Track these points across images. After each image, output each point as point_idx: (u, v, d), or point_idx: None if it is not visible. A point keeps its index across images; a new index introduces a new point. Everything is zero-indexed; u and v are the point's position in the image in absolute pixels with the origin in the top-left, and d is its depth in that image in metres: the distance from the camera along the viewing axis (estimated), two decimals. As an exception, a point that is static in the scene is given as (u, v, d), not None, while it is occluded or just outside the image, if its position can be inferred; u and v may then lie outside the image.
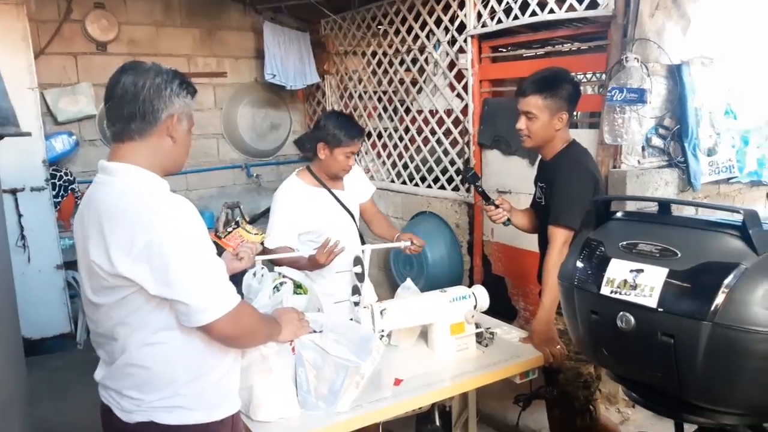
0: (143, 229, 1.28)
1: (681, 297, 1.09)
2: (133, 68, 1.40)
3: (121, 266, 1.29)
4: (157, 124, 1.39)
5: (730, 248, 1.08)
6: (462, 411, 2.38)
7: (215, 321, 1.33)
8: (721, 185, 3.39)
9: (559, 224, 2.10)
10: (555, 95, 2.12)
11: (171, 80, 1.41)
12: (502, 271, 3.79)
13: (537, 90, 2.14)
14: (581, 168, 2.16)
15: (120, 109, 1.37)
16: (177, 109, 1.41)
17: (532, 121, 2.16)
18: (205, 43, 5.09)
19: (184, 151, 1.49)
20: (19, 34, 3.85)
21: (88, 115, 4.57)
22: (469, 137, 3.81)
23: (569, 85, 2.16)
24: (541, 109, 2.13)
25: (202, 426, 1.42)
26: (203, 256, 1.35)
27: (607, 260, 1.22)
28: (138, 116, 1.37)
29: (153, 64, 1.43)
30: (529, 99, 2.14)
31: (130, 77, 1.38)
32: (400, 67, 4.35)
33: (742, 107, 3.37)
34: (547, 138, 2.19)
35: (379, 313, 1.96)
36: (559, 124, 2.15)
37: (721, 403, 1.12)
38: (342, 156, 2.42)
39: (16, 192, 3.90)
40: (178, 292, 1.30)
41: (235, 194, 5.32)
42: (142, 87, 1.37)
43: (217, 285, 1.36)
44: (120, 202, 1.33)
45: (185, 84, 1.45)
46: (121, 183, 1.36)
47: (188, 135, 1.48)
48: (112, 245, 1.29)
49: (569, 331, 1.37)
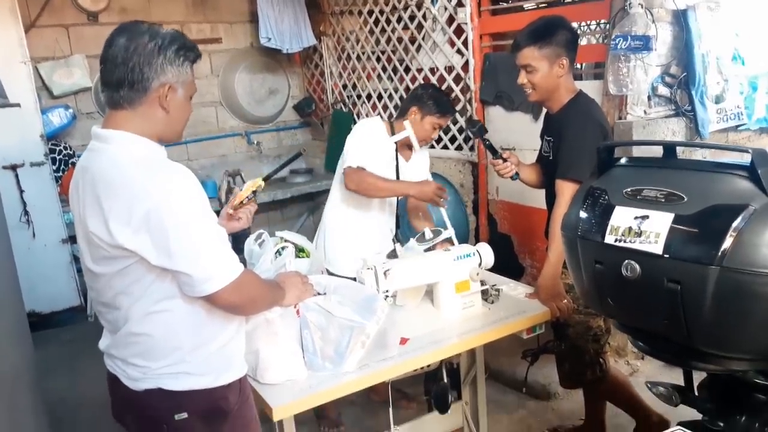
0: (140, 199, 1.25)
1: (687, 242, 1.06)
2: (128, 30, 1.33)
3: (121, 237, 1.26)
4: (147, 93, 1.33)
5: (738, 190, 1.05)
6: (470, 368, 2.39)
7: (219, 290, 1.32)
8: (729, 133, 3.32)
9: (567, 178, 2.05)
10: (550, 42, 2.05)
11: (167, 46, 1.32)
12: (508, 229, 3.76)
13: (531, 41, 2.07)
14: (590, 120, 2.10)
15: (111, 73, 1.32)
16: (171, 78, 1.34)
17: (533, 74, 2.09)
18: (197, 9, 4.98)
19: (181, 120, 1.43)
20: (6, 6, 3.78)
21: (84, 88, 4.51)
22: (471, 94, 3.73)
23: (564, 30, 2.08)
24: (539, 60, 2.07)
25: (209, 391, 1.42)
26: (204, 225, 1.31)
27: (611, 208, 1.18)
28: (126, 83, 1.31)
29: (151, 26, 1.35)
30: (525, 52, 2.08)
31: (122, 39, 1.31)
32: (397, 25, 4.24)
33: (750, 52, 3.28)
34: (551, 88, 2.12)
35: (383, 273, 1.94)
36: (560, 70, 2.08)
37: (729, 349, 1.10)
38: (429, 125, 2.49)
39: (16, 168, 3.89)
40: (179, 263, 1.28)
41: (236, 162, 5.28)
42: (133, 52, 1.30)
43: (219, 254, 1.33)
44: (115, 171, 1.29)
45: (184, 50, 1.36)
46: (115, 151, 1.32)
47: (186, 104, 1.41)
48: (111, 216, 1.27)
49: (574, 282, 1.35)
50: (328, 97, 5.20)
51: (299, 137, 5.72)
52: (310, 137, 5.73)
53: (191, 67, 1.40)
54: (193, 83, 1.42)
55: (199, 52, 1.43)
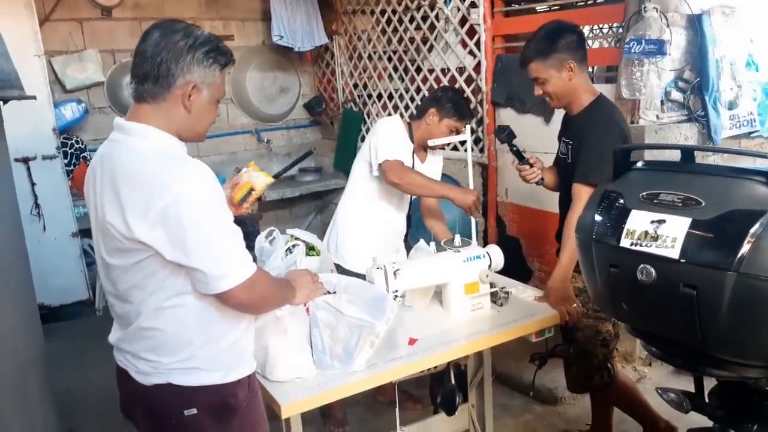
0: (159, 193, 1.25)
1: (704, 247, 1.05)
2: (164, 26, 1.34)
3: (138, 231, 1.26)
4: (171, 90, 1.33)
5: (756, 195, 1.04)
6: (477, 370, 2.38)
7: (232, 289, 1.32)
8: (742, 139, 3.30)
9: (586, 181, 2.03)
10: (552, 51, 2.06)
11: (198, 46, 1.33)
12: (517, 231, 3.75)
13: (533, 56, 2.09)
14: (611, 124, 2.09)
15: (139, 66, 1.33)
16: (196, 77, 1.34)
17: (545, 84, 2.11)
18: (210, 6, 5.00)
19: (203, 122, 1.42)
20: (22, 0, 3.79)
21: (97, 82, 4.54)
22: (482, 96, 3.73)
23: (565, 35, 2.08)
24: (545, 71, 2.08)
25: (219, 386, 1.42)
26: (220, 223, 1.32)
27: (626, 212, 1.18)
28: (152, 77, 1.32)
29: (188, 26, 1.36)
30: (531, 66, 2.11)
31: (156, 34, 1.32)
32: (410, 25, 4.24)
33: (764, 59, 3.26)
34: (568, 93, 2.12)
35: (392, 273, 1.94)
36: (569, 74, 2.08)
37: (744, 356, 1.09)
38: (446, 128, 2.50)
39: (28, 161, 3.91)
40: (194, 260, 1.28)
41: (246, 159, 5.27)
42: (163, 47, 1.31)
43: (233, 253, 1.34)
44: (135, 164, 1.30)
45: (215, 53, 1.36)
46: (136, 143, 1.32)
47: (209, 106, 1.40)
48: (129, 209, 1.27)
49: (587, 285, 1.34)
50: (339, 96, 5.20)
51: (309, 136, 5.73)
52: (320, 136, 5.74)
53: (220, 70, 1.39)
54: (220, 87, 1.41)
55: (232, 58, 1.42)
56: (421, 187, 2.43)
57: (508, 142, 2.36)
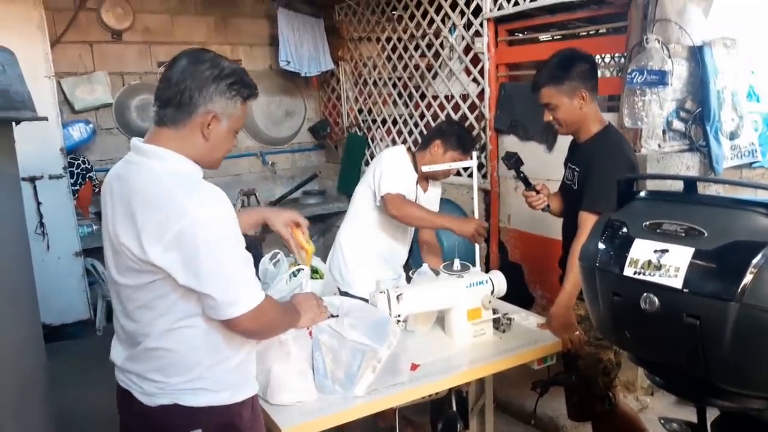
0: (176, 217, 1.26)
1: (707, 277, 1.05)
2: (192, 55, 1.37)
3: (152, 253, 1.27)
4: (191, 117, 1.35)
5: (759, 227, 1.04)
6: (479, 397, 2.37)
7: (240, 316, 1.33)
8: (743, 170, 3.32)
9: (594, 210, 2.03)
10: (565, 78, 2.08)
11: (223, 77, 1.35)
12: (519, 258, 3.76)
13: (546, 81, 2.11)
14: (620, 153, 2.10)
15: (163, 91, 1.35)
16: (218, 108, 1.36)
17: (555, 111, 2.13)
18: (219, 31, 5.09)
19: (220, 151, 1.43)
20: (34, 22, 3.87)
21: (105, 104, 4.60)
22: (486, 122, 3.77)
23: (579, 63, 2.11)
24: (558, 97, 2.10)
25: (225, 407, 1.42)
26: (234, 250, 1.33)
27: (630, 240, 1.18)
28: (174, 103, 1.34)
29: (215, 56, 1.38)
30: (543, 92, 2.13)
31: (183, 62, 1.35)
32: (415, 53, 4.31)
33: (765, 90, 3.30)
34: (577, 120, 2.14)
35: (395, 297, 1.94)
36: (581, 102, 2.10)
37: (748, 387, 1.09)
38: (450, 160, 2.53)
39: (35, 180, 3.94)
40: (206, 285, 1.29)
41: (250, 182, 5.33)
42: (189, 75, 1.33)
43: (245, 281, 1.35)
44: (152, 187, 1.31)
45: (238, 85, 1.38)
46: (155, 166, 1.34)
47: (228, 136, 1.42)
48: (144, 232, 1.28)
49: (590, 313, 1.34)
50: (344, 120, 5.26)
51: (313, 159, 5.77)
52: (324, 159, 5.78)
53: (242, 103, 1.41)
54: (240, 118, 1.43)
55: (256, 91, 1.44)
56: (420, 220, 2.45)
57: (516, 168, 2.38)
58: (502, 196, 3.81)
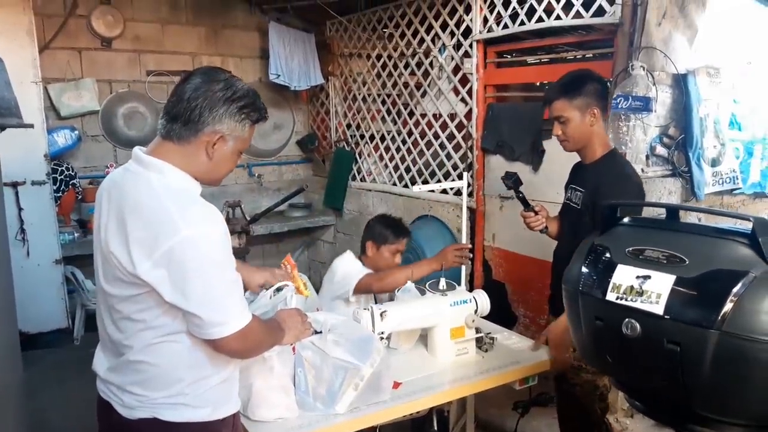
0: (167, 234, 1.25)
1: (688, 304, 1.07)
2: (207, 73, 1.37)
3: (140, 268, 1.26)
4: (198, 135, 1.34)
5: (738, 256, 1.07)
6: (460, 416, 2.37)
7: (226, 337, 1.32)
8: (724, 196, 3.38)
9: None
10: (580, 94, 2.08)
11: (234, 99, 1.35)
12: (503, 277, 3.78)
13: (561, 94, 2.11)
14: (631, 178, 2.11)
15: (173, 105, 1.35)
16: (225, 129, 1.35)
17: (566, 125, 2.12)
18: (210, 42, 5.09)
19: (222, 170, 1.43)
20: (24, 28, 3.84)
21: (91, 111, 4.56)
22: (473, 142, 3.80)
23: (593, 82, 2.12)
24: (570, 110, 2.10)
25: (204, 424, 1.40)
26: (223, 271, 1.32)
27: (613, 266, 1.20)
28: (182, 119, 1.33)
29: (231, 77, 1.38)
30: (556, 104, 2.12)
31: (198, 79, 1.35)
32: (404, 71, 4.35)
33: (747, 118, 3.37)
34: (585, 137, 2.14)
35: (379, 315, 1.94)
36: (592, 119, 2.10)
37: (727, 413, 1.10)
38: (388, 253, 2.57)
39: (17, 185, 3.89)
40: (193, 305, 1.28)
41: (236, 193, 5.30)
42: (201, 94, 1.33)
43: (232, 302, 1.34)
44: (147, 199, 1.30)
45: (249, 109, 1.38)
46: (152, 178, 1.32)
47: (232, 157, 1.42)
48: (134, 245, 1.27)
49: (573, 337, 1.35)
50: (332, 135, 5.27)
51: (300, 172, 5.77)
52: (311, 173, 5.78)
53: (251, 126, 1.41)
54: (247, 140, 1.43)
55: (266, 115, 1.45)
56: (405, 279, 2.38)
57: (515, 188, 2.37)
58: (488, 215, 3.84)
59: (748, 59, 3.36)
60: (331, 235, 5.39)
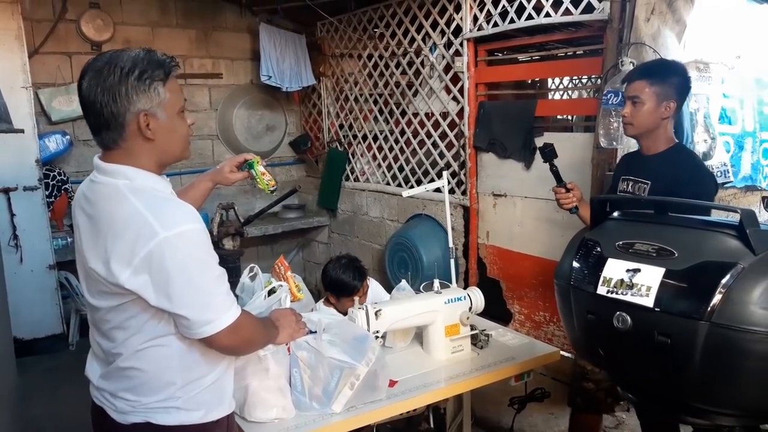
0: (144, 238, 1.23)
1: (678, 297, 1.08)
2: (90, 69, 1.26)
3: (122, 277, 1.24)
4: (126, 129, 1.27)
5: (727, 248, 1.08)
6: (456, 413, 2.37)
7: (216, 334, 1.31)
8: (715, 190, 3.40)
9: None
10: (663, 82, 2.01)
11: (127, 74, 1.24)
12: (497, 274, 3.79)
13: (644, 75, 2.05)
14: (708, 171, 2.06)
15: (89, 119, 1.29)
16: (142, 105, 1.26)
17: (637, 107, 2.04)
18: (200, 44, 5.08)
19: (175, 141, 1.35)
20: (13, 32, 3.83)
21: (82, 115, 4.53)
22: (465, 140, 3.81)
23: (679, 76, 2.05)
24: (649, 95, 2.02)
25: (198, 426, 1.40)
26: (206, 268, 1.30)
27: (603, 260, 1.21)
28: (103, 126, 1.27)
29: (112, 56, 1.26)
30: (636, 84, 2.04)
31: (85, 81, 1.25)
32: (396, 70, 4.35)
33: (737, 112, 3.39)
34: (651, 126, 2.06)
35: (373, 314, 1.95)
36: (666, 112, 2.03)
37: (717, 404, 1.12)
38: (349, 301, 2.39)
39: (9, 191, 3.88)
40: (178, 306, 1.27)
41: (229, 195, 5.29)
42: (97, 92, 1.24)
43: (218, 298, 1.33)
44: (120, 209, 1.27)
45: (148, 72, 1.26)
46: (120, 185, 1.29)
47: (172, 124, 1.32)
48: (113, 255, 1.25)
49: (566, 331, 1.36)
50: (325, 135, 5.27)
51: (293, 173, 5.77)
52: (304, 174, 5.78)
53: (163, 84, 1.29)
54: (174, 99, 1.32)
55: (169, 66, 1.31)
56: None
57: (550, 160, 2.26)
58: (481, 213, 3.85)
59: (737, 53, 3.38)
60: (326, 236, 5.39)
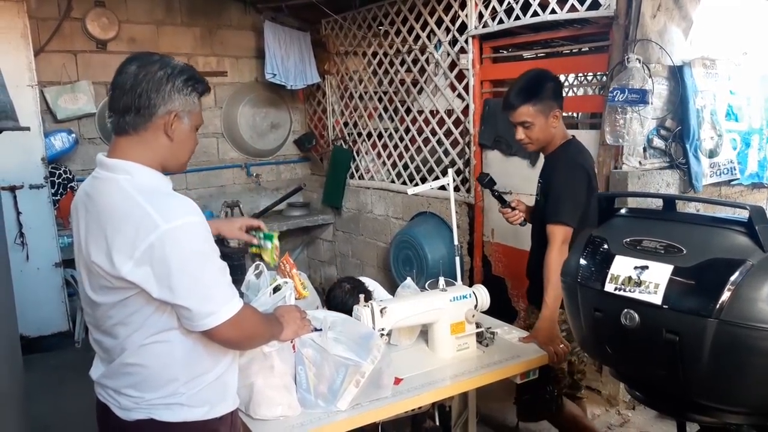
0: (145, 231, 1.24)
1: (686, 294, 1.08)
2: (140, 58, 1.35)
3: (124, 269, 1.25)
4: (153, 120, 1.33)
5: (736, 245, 1.07)
6: (462, 411, 2.37)
7: (218, 326, 1.32)
8: (722, 187, 3.38)
9: (557, 222, 2.12)
10: (541, 97, 2.14)
11: (176, 75, 1.34)
12: (502, 271, 3.78)
13: (524, 99, 2.15)
14: (574, 165, 2.19)
15: (119, 99, 1.33)
16: (177, 106, 1.35)
17: (530, 129, 2.19)
18: (205, 42, 5.08)
19: (185, 150, 1.43)
20: (18, 31, 3.84)
21: (88, 113, 4.56)
22: (470, 138, 3.80)
23: (550, 83, 2.18)
24: (534, 115, 2.16)
25: (201, 423, 1.40)
26: (207, 260, 1.31)
27: (611, 257, 1.20)
28: (133, 109, 1.32)
29: (162, 56, 1.37)
30: (520, 110, 2.17)
31: (133, 67, 1.33)
32: (400, 68, 4.34)
33: (743, 109, 3.37)
34: (548, 138, 2.23)
35: (379, 311, 1.94)
36: (554, 121, 2.18)
37: (725, 402, 1.11)
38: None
39: (15, 189, 3.89)
40: (180, 298, 1.28)
41: (234, 193, 5.31)
42: (143, 78, 1.31)
43: (220, 290, 1.33)
44: (121, 203, 1.29)
45: (192, 81, 1.37)
46: (122, 180, 1.31)
47: (191, 134, 1.42)
48: (114, 248, 1.26)
49: (572, 329, 1.36)
50: (329, 133, 5.27)
51: (298, 171, 5.77)
52: (309, 172, 5.78)
53: (199, 98, 1.41)
54: (199, 115, 1.43)
55: (208, 86, 1.45)
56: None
57: (490, 188, 2.48)
58: (486, 211, 3.84)
59: (744, 50, 3.36)
60: (330, 234, 5.39)
